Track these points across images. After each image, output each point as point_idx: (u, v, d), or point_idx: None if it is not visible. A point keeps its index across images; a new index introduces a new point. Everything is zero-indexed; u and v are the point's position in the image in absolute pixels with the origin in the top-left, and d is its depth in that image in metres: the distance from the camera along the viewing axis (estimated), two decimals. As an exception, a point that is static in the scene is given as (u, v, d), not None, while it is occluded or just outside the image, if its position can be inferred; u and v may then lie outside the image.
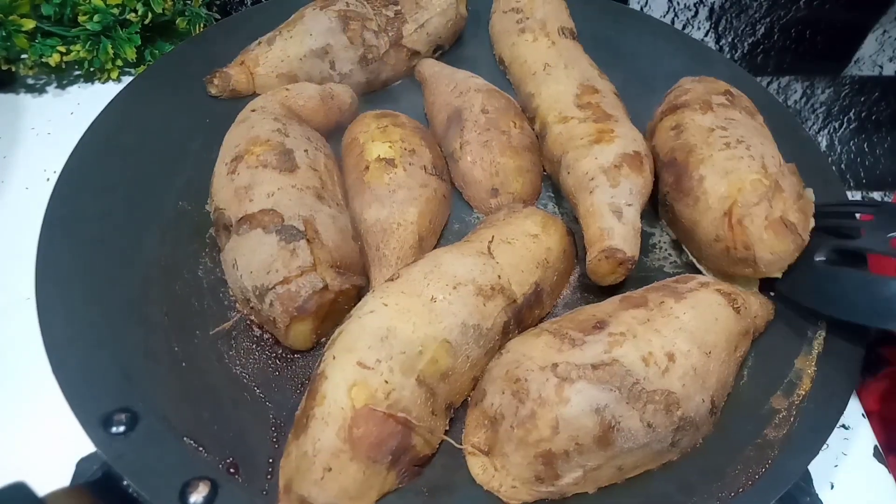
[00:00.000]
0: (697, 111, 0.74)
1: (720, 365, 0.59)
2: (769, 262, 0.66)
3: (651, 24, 1.00)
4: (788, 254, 0.66)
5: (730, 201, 0.67)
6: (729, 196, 0.67)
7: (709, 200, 0.68)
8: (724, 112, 0.74)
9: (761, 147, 0.70)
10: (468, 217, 0.77)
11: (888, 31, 1.26)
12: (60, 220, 0.67)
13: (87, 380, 0.57)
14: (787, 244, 0.65)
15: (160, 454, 0.54)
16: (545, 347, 0.57)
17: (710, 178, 0.68)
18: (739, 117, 0.74)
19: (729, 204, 0.67)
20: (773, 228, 0.65)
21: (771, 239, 0.65)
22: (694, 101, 0.76)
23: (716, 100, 0.75)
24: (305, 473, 0.52)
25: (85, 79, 0.99)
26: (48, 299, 0.61)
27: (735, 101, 0.77)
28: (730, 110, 0.74)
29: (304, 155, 0.69)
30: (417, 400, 0.55)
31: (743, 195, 0.66)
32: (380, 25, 0.86)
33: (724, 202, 0.67)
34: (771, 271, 0.67)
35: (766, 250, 0.65)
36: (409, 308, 0.57)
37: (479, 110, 0.79)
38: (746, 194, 0.66)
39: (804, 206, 0.67)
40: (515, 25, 0.90)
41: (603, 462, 0.54)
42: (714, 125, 0.72)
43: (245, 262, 0.62)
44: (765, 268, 0.66)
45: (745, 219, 0.66)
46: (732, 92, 0.78)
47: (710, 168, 0.69)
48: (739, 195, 0.66)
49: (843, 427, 0.73)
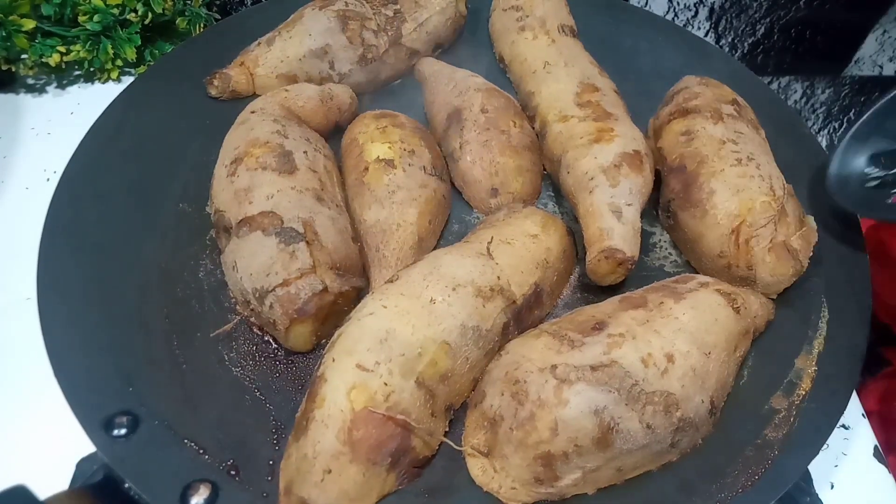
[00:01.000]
0: (709, 119, 0.74)
1: (720, 365, 0.59)
2: (768, 284, 0.67)
3: (651, 21, 1.00)
4: (787, 278, 0.67)
5: (739, 220, 0.67)
6: (739, 214, 0.67)
7: (717, 216, 0.68)
8: (733, 124, 0.74)
9: (769, 167, 0.71)
10: (468, 217, 0.77)
11: (888, 31, 1.26)
12: (61, 224, 0.67)
13: (89, 383, 0.57)
14: (788, 269, 0.66)
15: (161, 457, 0.54)
16: (544, 349, 0.57)
17: (720, 193, 0.69)
18: (747, 131, 0.74)
19: (738, 222, 0.67)
20: (776, 252, 0.66)
21: (773, 262, 0.66)
22: (705, 108, 0.76)
23: (725, 109, 0.76)
24: (305, 475, 0.52)
25: (85, 79, 0.99)
26: (50, 303, 0.61)
27: (742, 112, 0.77)
28: (738, 122, 0.75)
29: (303, 156, 0.69)
30: (417, 402, 0.55)
31: (752, 215, 0.67)
32: (379, 25, 0.86)
33: (733, 220, 0.67)
34: (768, 293, 0.68)
35: (768, 272, 0.66)
36: (408, 310, 0.57)
37: (478, 109, 0.79)
38: (756, 215, 0.67)
39: (807, 233, 0.68)
40: (515, 23, 0.89)
41: (602, 463, 0.54)
42: (725, 137, 0.72)
43: (245, 264, 0.62)
44: (763, 289, 0.68)
45: (752, 240, 0.66)
46: (739, 102, 0.78)
47: (721, 183, 0.69)
48: (749, 215, 0.67)
49: (843, 427, 0.73)
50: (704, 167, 0.71)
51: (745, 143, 0.72)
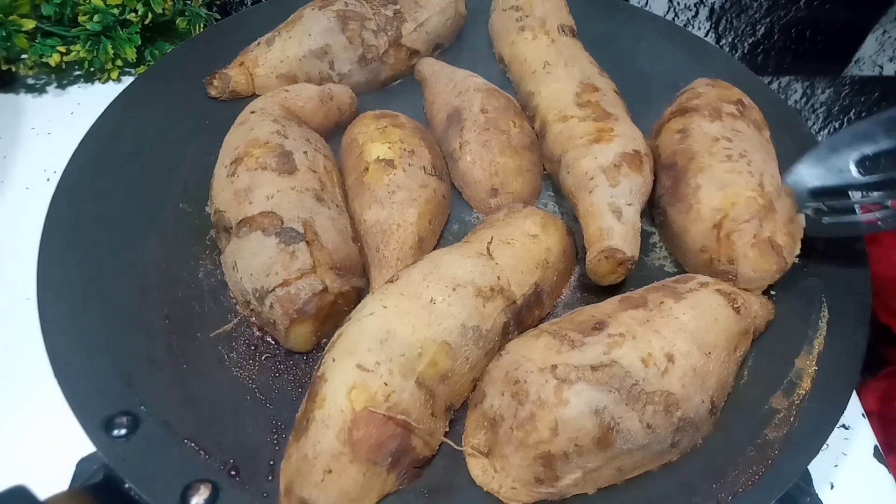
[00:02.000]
0: (706, 118, 0.74)
1: (720, 365, 0.59)
2: (749, 280, 0.66)
3: (651, 21, 1.00)
4: (770, 274, 0.66)
5: (721, 214, 0.67)
6: (721, 209, 0.67)
7: (701, 210, 0.68)
8: (732, 122, 0.74)
9: (762, 164, 0.70)
10: (468, 217, 0.77)
11: (888, 31, 1.26)
12: (61, 224, 0.67)
13: (89, 383, 0.57)
14: (771, 265, 0.66)
15: (161, 457, 0.54)
16: (544, 349, 0.57)
17: (705, 187, 0.69)
18: (747, 130, 0.74)
19: (720, 217, 0.67)
20: (759, 247, 0.65)
21: (755, 257, 0.65)
22: (704, 107, 0.75)
23: (726, 108, 0.75)
24: (306, 476, 0.52)
25: (85, 79, 0.99)
26: (50, 303, 0.61)
27: (745, 112, 0.76)
28: (738, 122, 0.74)
29: (303, 157, 0.69)
30: (417, 402, 0.55)
31: (735, 210, 0.66)
32: (379, 25, 0.86)
33: (716, 214, 0.67)
34: (750, 288, 0.67)
35: (749, 267, 0.66)
36: (408, 310, 0.57)
37: (478, 110, 0.79)
38: (739, 209, 0.66)
39: (794, 230, 0.68)
40: (515, 23, 0.89)
41: (602, 463, 0.54)
42: (720, 135, 0.72)
43: (245, 264, 0.62)
44: (744, 284, 0.67)
45: (734, 234, 0.66)
46: (744, 102, 0.78)
47: (707, 178, 0.69)
48: (732, 209, 0.66)
49: (843, 427, 0.73)
50: (693, 163, 0.71)
51: (741, 140, 0.72)
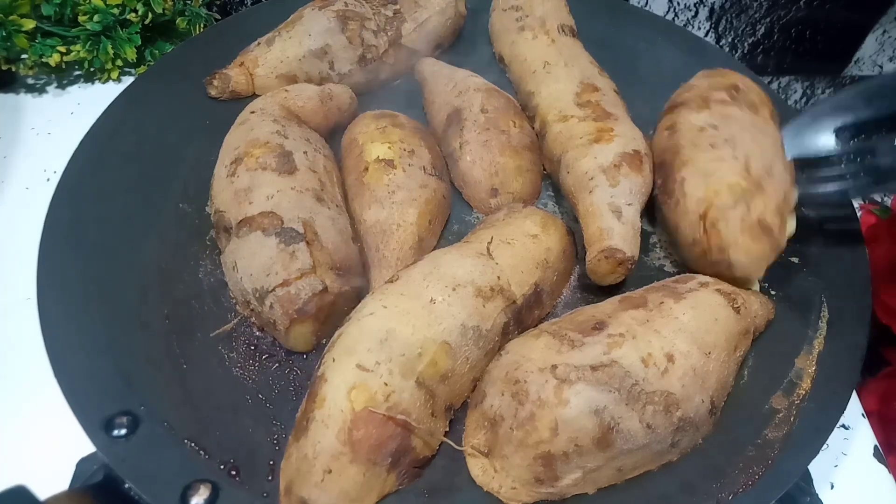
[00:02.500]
0: (693, 110, 0.73)
1: (720, 365, 0.59)
2: (744, 266, 0.65)
3: (651, 21, 1.00)
4: (765, 256, 0.65)
5: (706, 204, 0.66)
6: (705, 199, 0.66)
7: (687, 203, 0.67)
8: (721, 109, 0.72)
9: (750, 145, 0.69)
10: (468, 217, 0.77)
11: (888, 31, 1.26)
12: (61, 224, 0.67)
13: (89, 384, 0.57)
14: (763, 246, 0.65)
15: (161, 457, 0.54)
16: (544, 349, 0.57)
17: (690, 180, 0.68)
18: (738, 113, 0.72)
19: (705, 207, 0.66)
20: (748, 231, 0.64)
21: (746, 242, 0.64)
22: (692, 100, 0.74)
23: (716, 95, 0.74)
24: (306, 476, 0.52)
25: (85, 79, 0.99)
26: (50, 303, 0.61)
27: (739, 95, 0.75)
28: (729, 107, 0.73)
29: (303, 157, 0.69)
30: (417, 402, 0.55)
31: (720, 198, 0.65)
32: (379, 25, 0.86)
33: (701, 205, 0.66)
34: (748, 274, 0.66)
35: (742, 253, 0.64)
36: (408, 310, 0.57)
37: (478, 109, 0.79)
38: (723, 197, 0.65)
39: (782, 206, 0.66)
40: (515, 23, 0.89)
41: (602, 463, 0.54)
42: (706, 124, 0.71)
43: (245, 264, 0.62)
44: (741, 271, 0.65)
45: (720, 222, 0.65)
46: (739, 86, 0.76)
47: (691, 170, 0.68)
48: (716, 198, 0.65)
49: (843, 427, 0.73)
50: (678, 157, 0.70)
51: (728, 125, 0.70)
